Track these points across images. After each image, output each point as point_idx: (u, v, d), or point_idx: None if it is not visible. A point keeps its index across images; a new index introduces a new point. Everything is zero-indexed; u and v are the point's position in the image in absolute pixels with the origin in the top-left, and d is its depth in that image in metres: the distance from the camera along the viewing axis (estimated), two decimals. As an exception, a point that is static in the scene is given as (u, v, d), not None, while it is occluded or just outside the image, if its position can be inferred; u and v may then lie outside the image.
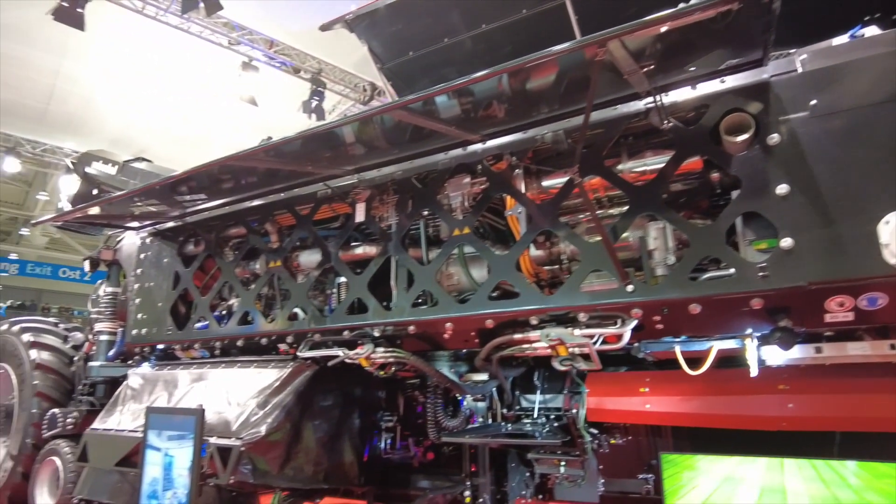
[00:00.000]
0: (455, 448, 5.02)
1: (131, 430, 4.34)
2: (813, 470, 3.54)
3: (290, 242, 4.34)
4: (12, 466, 5.75)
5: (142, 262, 5.33)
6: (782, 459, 3.60)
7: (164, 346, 4.97)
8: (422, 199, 3.75)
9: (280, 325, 4.14)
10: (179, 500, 3.07)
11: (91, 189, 7.45)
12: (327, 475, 4.09)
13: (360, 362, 3.75)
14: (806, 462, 3.53)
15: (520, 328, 3.30)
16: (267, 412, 3.80)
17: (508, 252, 3.32)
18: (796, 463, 3.57)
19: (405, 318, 3.58)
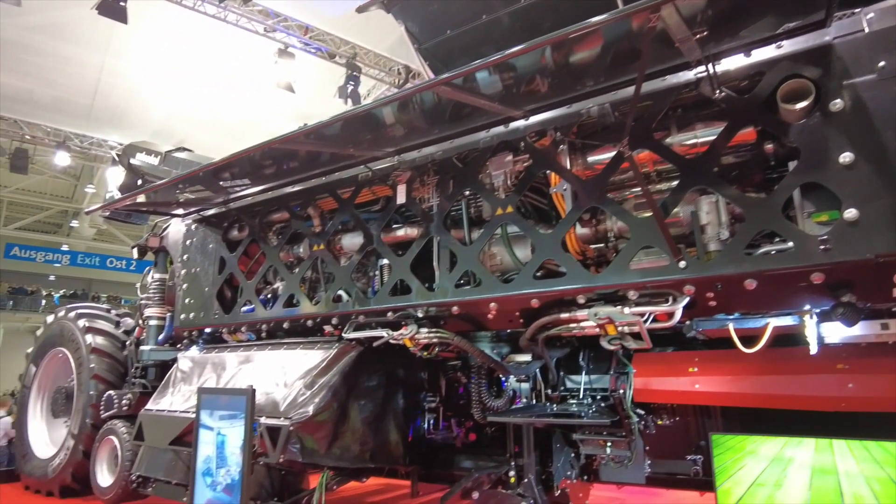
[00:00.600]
0: (498, 429, 5.02)
1: (183, 411, 4.47)
2: (865, 450, 3.41)
3: (333, 226, 4.37)
4: (74, 445, 6.01)
5: (188, 248, 5.46)
6: (831, 440, 3.49)
7: (212, 329, 5.09)
8: (463, 178, 3.72)
9: (325, 308, 4.18)
10: (232, 478, 3.15)
11: (136, 179, 7.67)
12: (373, 454, 4.14)
13: (404, 343, 3.77)
14: (856, 442, 3.40)
15: (566, 307, 3.25)
16: (314, 392, 3.85)
17: (554, 230, 3.27)
18: (846, 443, 3.44)
19: (448, 298, 3.57)
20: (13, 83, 15.60)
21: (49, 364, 7.08)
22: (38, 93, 16.00)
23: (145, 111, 15.27)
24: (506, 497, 4.15)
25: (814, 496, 3.51)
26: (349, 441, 3.98)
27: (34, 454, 6.63)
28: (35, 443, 6.78)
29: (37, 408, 7.06)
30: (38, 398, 7.09)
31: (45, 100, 16.08)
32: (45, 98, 15.81)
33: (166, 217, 6.04)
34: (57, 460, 6.18)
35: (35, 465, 6.48)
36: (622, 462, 4.11)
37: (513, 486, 4.26)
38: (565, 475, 4.25)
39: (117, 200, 4.61)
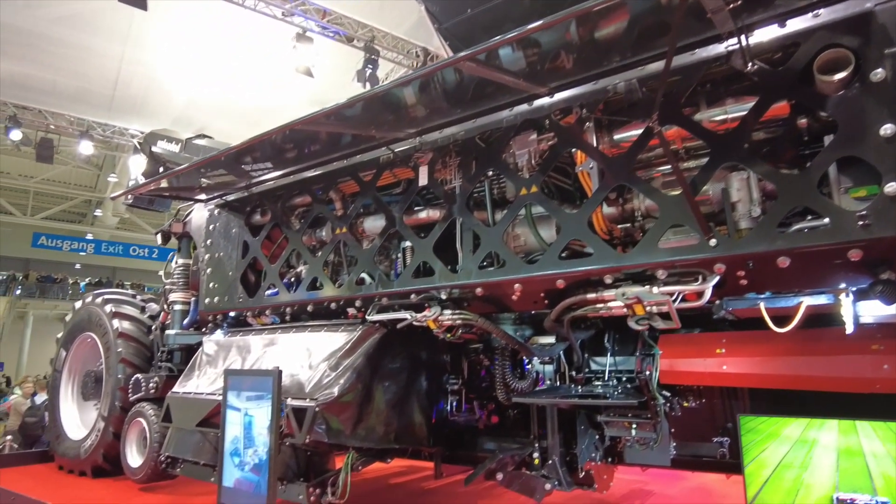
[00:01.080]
0: (521, 411, 5.02)
1: (209, 393, 4.54)
2: (890, 431, 3.34)
3: (355, 209, 4.36)
4: (104, 427, 6.15)
5: (211, 233, 5.50)
6: (854, 421, 3.42)
7: (236, 313, 5.14)
8: (486, 158, 3.68)
9: (348, 291, 4.19)
10: (260, 458, 3.19)
11: (157, 167, 7.72)
12: (397, 436, 4.16)
13: (427, 325, 3.76)
14: (881, 424, 3.33)
15: (593, 288, 3.21)
16: (339, 374, 3.88)
17: (580, 209, 3.22)
18: (870, 424, 3.37)
19: (472, 280, 3.55)
20: (37, 74, 15.84)
21: (78, 348, 7.23)
22: (61, 83, 16.23)
23: (166, 99, 15.41)
24: (530, 478, 4.15)
25: (842, 477, 3.46)
26: (374, 422, 4.00)
27: (67, 435, 6.80)
28: (67, 424, 6.96)
29: (68, 391, 7.23)
30: (69, 381, 7.26)
31: (68, 90, 16.32)
32: (69, 89, 16.04)
33: (189, 203, 6.10)
34: (88, 442, 6.33)
35: (68, 447, 6.65)
36: (647, 444, 4.08)
37: (537, 467, 4.26)
38: (590, 457, 4.24)
39: (141, 185, 4.66)
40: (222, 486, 3.39)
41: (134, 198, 7.50)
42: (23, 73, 15.59)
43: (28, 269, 33.77)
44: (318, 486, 3.68)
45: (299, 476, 3.88)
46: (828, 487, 3.49)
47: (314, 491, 3.65)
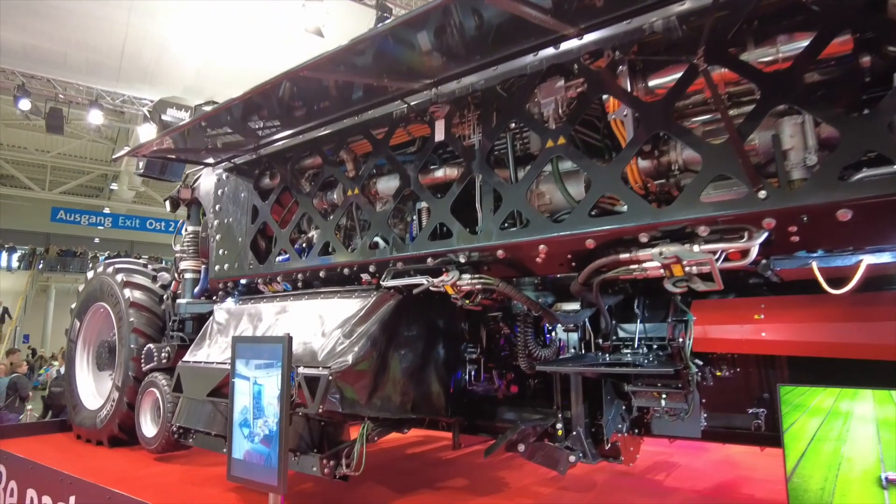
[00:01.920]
0: (542, 381, 4.83)
1: (220, 363, 4.39)
2: None
3: (368, 169, 4.12)
4: (119, 397, 6.08)
5: (220, 198, 5.30)
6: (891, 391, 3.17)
7: (247, 280, 4.96)
8: (508, 109, 3.40)
9: (361, 255, 3.98)
10: (270, 429, 3.02)
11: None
12: (415, 405, 3.99)
13: (445, 290, 3.54)
14: None
15: (625, 248, 2.96)
16: (353, 341, 3.69)
17: (613, 161, 2.94)
18: None
19: (493, 242, 3.31)
20: (47, 46, 15.62)
21: (92, 319, 7.16)
22: (69, 53, 16.00)
23: (176, 67, 15.12)
24: (553, 450, 3.96)
25: (885, 449, 3.22)
26: (390, 391, 3.83)
27: (83, 405, 6.77)
28: (84, 394, 6.92)
29: (83, 361, 7.19)
30: (84, 352, 7.21)
31: (76, 59, 16.09)
32: (77, 57, 15.81)
33: (197, 167, 5.90)
34: (104, 412, 6.28)
35: (85, 416, 6.62)
36: (678, 415, 3.87)
37: (560, 438, 4.07)
38: (616, 428, 4.03)
39: (145, 144, 4.43)
40: (232, 458, 3.24)
41: (145, 166, 7.35)
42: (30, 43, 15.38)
43: (48, 244, 34.20)
44: (331, 458, 3.52)
45: (312, 447, 3.73)
46: (870, 462, 3.26)
47: (328, 462, 3.50)
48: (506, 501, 4.36)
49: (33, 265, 31.47)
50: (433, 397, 4.14)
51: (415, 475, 5.09)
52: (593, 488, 4.74)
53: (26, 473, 5.58)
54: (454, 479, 4.96)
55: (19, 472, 5.72)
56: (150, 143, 4.31)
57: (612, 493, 4.64)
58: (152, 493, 4.48)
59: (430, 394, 4.12)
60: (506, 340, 4.90)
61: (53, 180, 32.26)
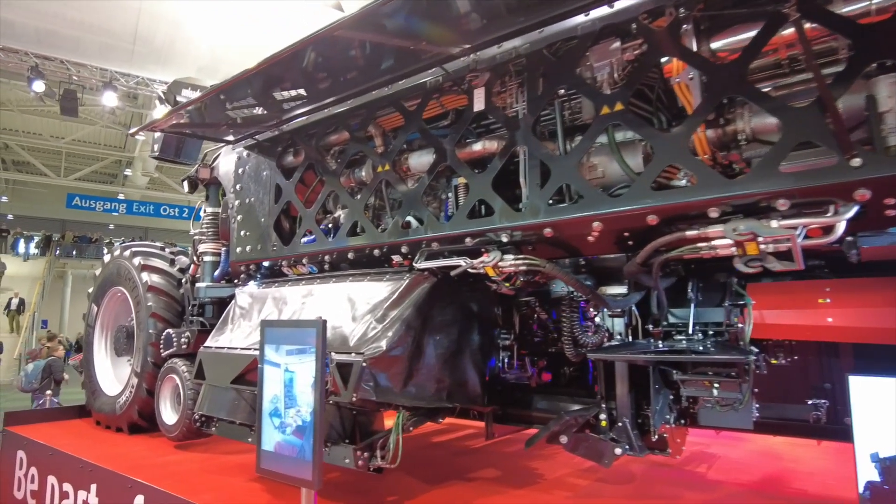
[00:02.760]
0: (577, 368, 4.61)
1: (244, 348, 4.20)
2: None
3: (399, 143, 3.87)
4: (138, 383, 5.94)
5: (240, 177, 5.08)
6: None
7: (270, 263, 4.75)
8: (556, 75, 3.12)
9: (394, 235, 3.74)
10: (303, 419, 2.81)
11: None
12: (450, 393, 3.77)
13: (485, 272, 3.30)
14: None
15: (690, 223, 2.69)
16: (386, 326, 3.47)
17: (679, 129, 2.67)
18: None
19: (540, 219, 3.05)
20: (59, 30, 15.43)
21: (109, 303, 7.02)
22: (82, 35, 15.80)
23: (189, 47, 14.84)
24: (598, 442, 3.74)
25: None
26: (424, 379, 3.61)
27: (102, 391, 6.65)
28: (102, 380, 6.80)
29: (101, 346, 7.06)
30: (102, 337, 7.08)
31: (89, 40, 15.88)
32: (90, 39, 15.59)
33: (215, 147, 5.69)
34: (123, 398, 6.15)
35: (104, 402, 6.50)
36: (732, 405, 3.62)
37: (604, 430, 3.84)
38: (664, 419, 3.80)
39: (163, 118, 4.19)
40: (262, 451, 3.04)
41: (160, 149, 7.17)
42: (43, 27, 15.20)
43: (64, 230, 34.42)
44: (366, 449, 3.32)
45: (344, 437, 3.53)
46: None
47: (362, 454, 3.29)
48: (543, 494, 4.15)
49: (50, 251, 31.71)
50: (469, 385, 3.91)
51: (443, 465, 4.90)
52: (632, 480, 4.52)
53: (47, 460, 5.47)
54: (485, 470, 4.76)
55: (40, 458, 5.61)
56: (168, 115, 4.07)
57: (654, 485, 4.41)
58: (174, 481, 4.33)
59: (466, 381, 3.90)
60: (539, 326, 4.68)
61: (68, 167, 32.33)
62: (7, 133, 28.11)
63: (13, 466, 5.99)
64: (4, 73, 20.20)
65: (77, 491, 4.95)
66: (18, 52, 15.30)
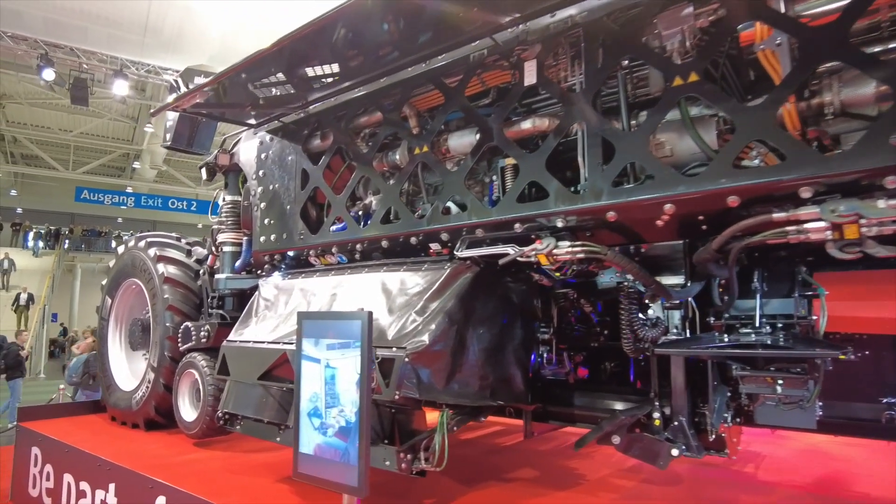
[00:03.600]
0: (618, 363, 4.37)
1: (271, 342, 3.97)
2: None
3: (439, 122, 3.60)
4: (154, 378, 5.73)
5: (263, 162, 4.83)
6: None
7: (296, 252, 4.51)
8: (618, 45, 2.85)
9: (434, 222, 3.49)
10: (347, 420, 2.57)
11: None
12: (493, 391, 3.52)
13: (537, 260, 3.05)
14: None
15: (779, 205, 2.43)
16: (428, 319, 3.22)
17: (766, 100, 2.40)
18: None
19: (603, 202, 2.79)
20: (68, 21, 15.19)
21: (124, 296, 6.81)
22: (92, 29, 15.58)
23: (200, 34, 14.56)
24: (653, 442, 3.49)
25: None
26: (468, 375, 3.36)
27: (118, 386, 6.45)
28: (117, 375, 6.60)
29: (115, 340, 6.86)
30: (116, 330, 6.88)
31: (100, 33, 15.65)
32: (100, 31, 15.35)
33: (233, 132, 5.45)
34: (139, 393, 5.94)
35: (119, 398, 6.30)
36: (797, 403, 3.36)
37: (657, 429, 3.60)
38: (722, 418, 3.54)
39: (184, 97, 3.93)
40: (299, 454, 2.80)
41: (172, 138, 6.96)
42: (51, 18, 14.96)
43: (73, 223, 34.39)
44: (408, 451, 3.08)
45: (383, 438, 3.29)
46: None
47: (405, 456, 3.05)
48: (588, 496, 3.91)
49: (59, 245, 31.69)
50: (512, 382, 3.67)
51: (479, 465, 4.66)
52: (679, 481, 4.28)
53: (62, 457, 5.29)
54: (522, 470, 4.53)
55: (55, 455, 5.42)
56: (190, 93, 3.81)
57: (705, 487, 4.17)
58: (195, 482, 4.12)
59: (509, 378, 3.65)
60: (578, 319, 4.45)
61: (77, 160, 32.20)
62: (16, 126, 27.98)
63: (28, 463, 5.82)
64: (13, 65, 20.05)
65: (95, 490, 4.76)
66: (28, 39, 14.97)
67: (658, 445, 3.47)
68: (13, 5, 14.44)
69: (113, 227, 35.23)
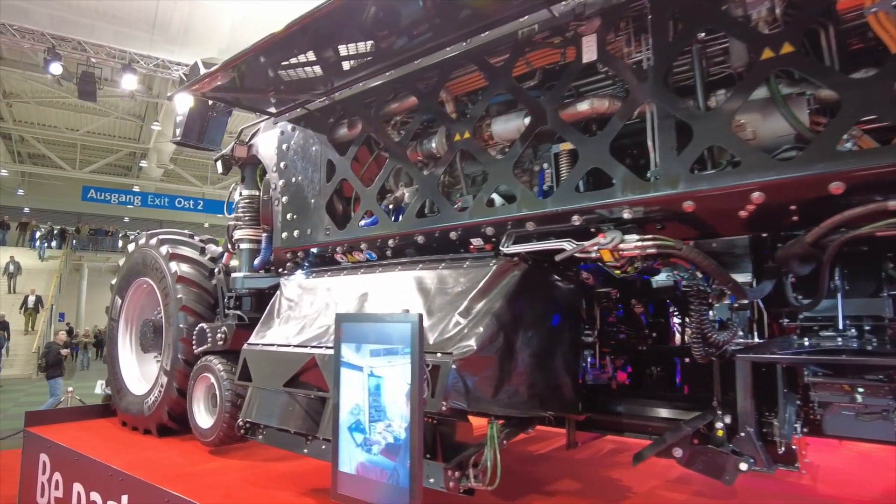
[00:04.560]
0: (664, 367, 4.08)
1: (297, 345, 3.68)
2: None
3: (482, 106, 3.30)
4: (167, 382, 5.46)
5: (285, 153, 4.54)
6: None
7: (320, 249, 4.22)
8: (693, 16, 2.55)
9: (477, 215, 3.19)
10: (395, 436, 2.27)
11: (206, 99, 6.83)
12: (543, 400, 3.22)
13: (600, 256, 2.75)
14: None
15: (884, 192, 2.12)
16: (474, 321, 2.92)
17: (879, 73, 2.09)
18: None
19: (680, 189, 2.49)
20: (75, 18, 14.93)
21: (134, 295, 6.54)
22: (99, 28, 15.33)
23: (210, 26, 14.25)
24: (718, 455, 3.18)
25: None
26: (517, 383, 3.07)
27: (128, 390, 6.18)
28: (128, 378, 6.34)
29: (126, 341, 6.60)
30: (127, 331, 6.62)
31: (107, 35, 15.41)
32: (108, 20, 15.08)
33: (249, 124, 5.17)
34: (151, 398, 5.67)
35: (130, 402, 6.03)
36: (881, 414, 3.05)
37: (720, 440, 3.29)
38: (793, 429, 3.23)
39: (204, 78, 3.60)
40: (339, 473, 2.50)
41: (182, 133, 6.71)
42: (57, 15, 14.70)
43: (80, 223, 34.29)
44: (456, 468, 2.78)
45: (425, 453, 3.00)
46: None
47: (452, 474, 2.76)
48: (641, 513, 3.61)
49: (66, 244, 31.57)
50: (562, 390, 3.37)
51: (517, 476, 4.36)
52: (734, 494, 3.96)
53: (72, 466, 5.02)
54: (564, 481, 4.23)
55: (65, 463, 5.16)
56: (211, 74, 3.50)
57: (764, 501, 3.87)
58: (214, 496, 3.86)
59: (559, 385, 3.36)
60: (619, 319, 4.17)
61: (83, 159, 32.06)
62: (23, 125, 27.84)
63: (36, 470, 5.56)
64: (20, 63, 19.83)
65: (107, 501, 4.49)
66: (34, 32, 14.63)
67: (724, 459, 3.16)
68: (19, 3, 14.20)
69: (120, 227, 35.15)
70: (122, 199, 34.06)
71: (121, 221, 36.06)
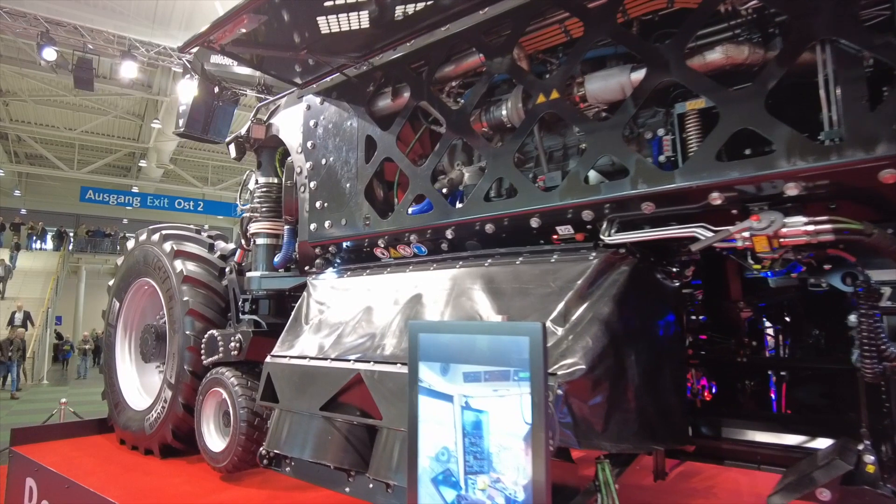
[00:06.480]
0: (758, 383, 3.45)
1: (335, 358, 3.00)
2: None
3: (575, 60, 2.63)
4: (172, 397, 4.78)
5: (312, 131, 3.86)
6: None
7: (356, 242, 3.54)
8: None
9: (572, 195, 2.52)
10: (509, 495, 1.58)
11: (212, 87, 6.22)
12: (654, 431, 2.55)
13: (752, 245, 2.08)
14: None
15: None
16: (576, 332, 2.26)
17: None
18: None
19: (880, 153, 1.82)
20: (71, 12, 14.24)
21: (134, 298, 5.86)
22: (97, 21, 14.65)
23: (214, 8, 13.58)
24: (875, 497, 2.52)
25: None
26: (627, 410, 2.39)
27: (127, 404, 5.50)
28: (127, 391, 5.66)
29: (125, 349, 5.92)
30: (125, 338, 5.93)
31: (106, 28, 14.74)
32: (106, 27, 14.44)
33: (272, 99, 4.50)
34: (154, 414, 4.99)
35: (130, 418, 5.35)
36: None
37: (870, 477, 2.62)
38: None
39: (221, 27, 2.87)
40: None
41: (185, 124, 6.10)
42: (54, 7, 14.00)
43: (78, 224, 33.67)
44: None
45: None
46: None
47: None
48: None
49: (63, 246, 30.92)
50: (672, 417, 2.69)
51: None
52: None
53: (62, 494, 4.36)
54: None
55: (54, 491, 4.50)
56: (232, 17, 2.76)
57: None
58: (231, 536, 3.18)
59: (669, 411, 2.68)
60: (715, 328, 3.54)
61: (81, 159, 31.36)
62: (20, 124, 27.14)
63: (21, 497, 4.89)
64: (16, 60, 19.11)
65: (101, 541, 3.82)
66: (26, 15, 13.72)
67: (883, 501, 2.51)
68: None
69: (119, 228, 34.52)
70: (120, 200, 33.40)
71: (119, 223, 35.43)
